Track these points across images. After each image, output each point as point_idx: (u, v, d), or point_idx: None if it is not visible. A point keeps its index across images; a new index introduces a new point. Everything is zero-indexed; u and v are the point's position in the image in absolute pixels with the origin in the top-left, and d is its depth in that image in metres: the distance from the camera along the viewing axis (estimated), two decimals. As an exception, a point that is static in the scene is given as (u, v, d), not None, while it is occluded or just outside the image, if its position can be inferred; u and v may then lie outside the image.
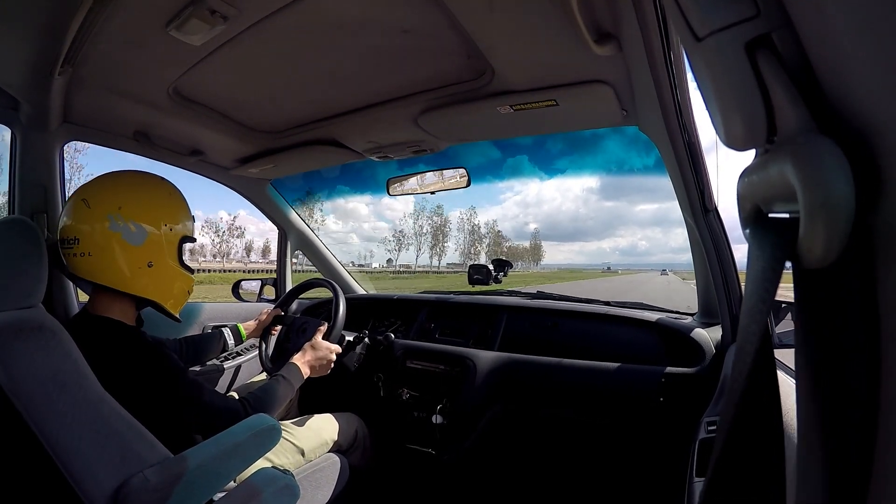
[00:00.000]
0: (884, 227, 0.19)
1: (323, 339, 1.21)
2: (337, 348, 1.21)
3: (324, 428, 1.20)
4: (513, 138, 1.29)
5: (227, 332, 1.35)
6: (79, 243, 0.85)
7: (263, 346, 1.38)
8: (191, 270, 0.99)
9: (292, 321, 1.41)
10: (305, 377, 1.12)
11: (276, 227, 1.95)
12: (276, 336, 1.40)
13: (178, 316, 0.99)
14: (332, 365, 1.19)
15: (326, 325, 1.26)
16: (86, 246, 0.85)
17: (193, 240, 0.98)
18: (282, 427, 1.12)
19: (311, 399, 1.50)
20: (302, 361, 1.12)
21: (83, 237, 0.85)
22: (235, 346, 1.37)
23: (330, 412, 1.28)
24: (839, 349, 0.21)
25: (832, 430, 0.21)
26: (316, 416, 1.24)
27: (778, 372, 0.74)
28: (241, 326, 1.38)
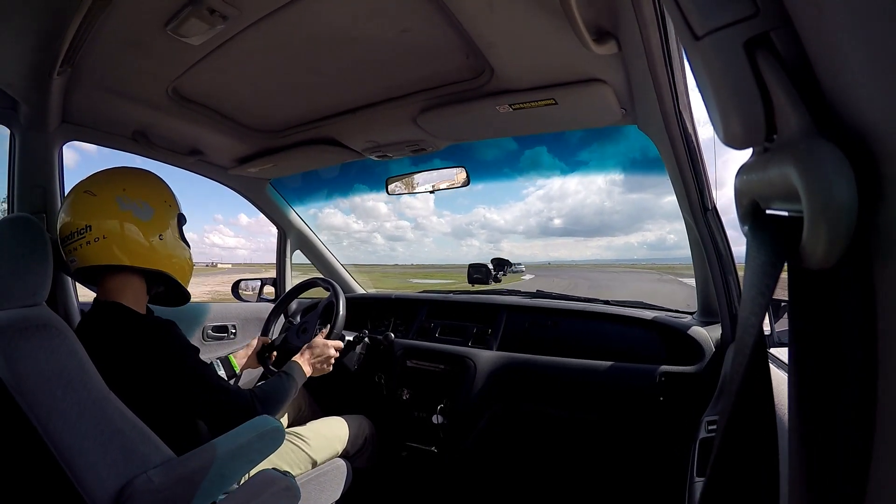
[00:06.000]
0: (884, 228, 0.19)
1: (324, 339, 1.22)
2: (338, 344, 1.21)
3: (336, 436, 1.21)
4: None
5: (217, 363, 1.25)
6: (91, 230, 0.87)
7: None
8: (189, 246, 1.03)
9: (290, 327, 1.41)
10: (308, 375, 1.12)
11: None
12: (273, 360, 1.35)
13: (187, 289, 1.02)
14: (333, 361, 1.20)
15: (325, 330, 1.26)
16: (99, 230, 0.88)
17: (185, 220, 1.02)
18: (295, 434, 1.12)
19: (320, 402, 1.51)
20: (302, 360, 1.13)
21: (95, 223, 0.88)
22: (228, 378, 1.26)
23: (340, 414, 1.30)
24: (834, 348, 0.21)
25: (826, 430, 0.21)
26: (328, 420, 1.25)
27: (778, 370, 0.73)
28: (232, 359, 1.29)
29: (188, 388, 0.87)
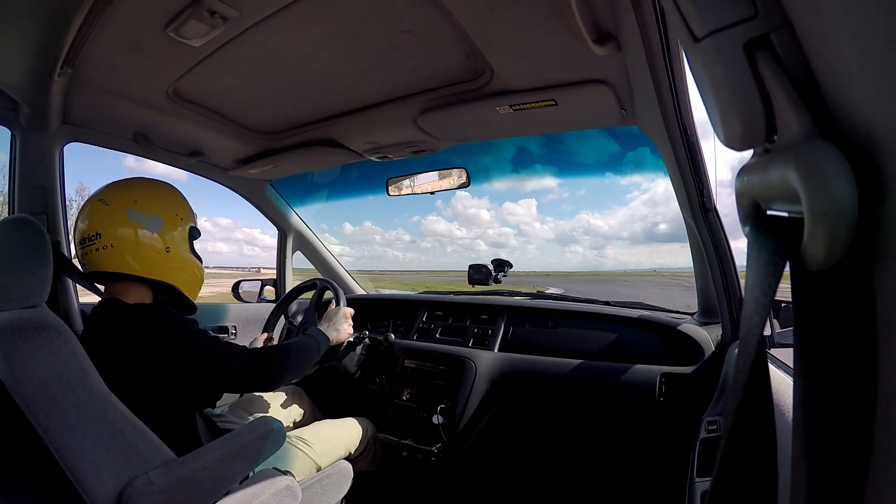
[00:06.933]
0: (884, 229, 0.19)
1: None
2: (350, 310, 1.23)
3: (340, 440, 1.22)
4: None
5: None
6: (101, 237, 0.89)
7: None
8: (200, 259, 1.03)
9: (291, 328, 1.42)
10: (330, 341, 1.12)
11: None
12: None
13: (194, 302, 1.02)
14: (350, 324, 1.22)
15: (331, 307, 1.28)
16: (108, 239, 0.89)
17: (199, 233, 1.02)
18: (299, 439, 1.12)
19: (321, 403, 1.51)
20: (321, 328, 1.14)
21: (105, 231, 0.90)
22: None
23: (341, 416, 1.29)
24: (837, 349, 0.21)
25: (828, 430, 0.21)
26: (332, 423, 1.25)
27: (778, 371, 0.73)
28: None
29: (198, 354, 0.86)
